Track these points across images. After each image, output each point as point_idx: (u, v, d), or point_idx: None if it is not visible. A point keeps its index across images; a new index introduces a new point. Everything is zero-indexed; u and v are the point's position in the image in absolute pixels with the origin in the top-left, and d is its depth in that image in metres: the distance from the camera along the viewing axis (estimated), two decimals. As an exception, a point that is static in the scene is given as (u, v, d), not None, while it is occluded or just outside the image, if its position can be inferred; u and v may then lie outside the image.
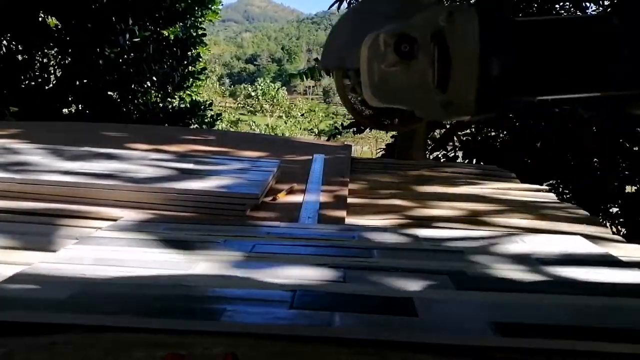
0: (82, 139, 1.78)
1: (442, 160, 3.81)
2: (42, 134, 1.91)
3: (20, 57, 5.80)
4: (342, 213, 0.95)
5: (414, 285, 0.50)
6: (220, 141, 2.04)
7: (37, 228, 0.73)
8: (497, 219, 0.97)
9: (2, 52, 5.70)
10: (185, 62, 6.28)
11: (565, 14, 4.44)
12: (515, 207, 1.03)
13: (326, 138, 6.61)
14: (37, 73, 5.89)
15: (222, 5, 7.41)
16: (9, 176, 0.93)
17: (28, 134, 1.87)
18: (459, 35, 0.31)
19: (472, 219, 0.97)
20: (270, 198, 1.02)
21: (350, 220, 0.94)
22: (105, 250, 0.58)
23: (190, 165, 1.12)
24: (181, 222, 0.81)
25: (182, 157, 1.29)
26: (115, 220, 0.82)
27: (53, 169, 1.03)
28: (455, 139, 3.89)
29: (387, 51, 0.33)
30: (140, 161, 1.14)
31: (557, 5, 4.37)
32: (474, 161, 3.75)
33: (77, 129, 2.25)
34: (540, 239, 0.75)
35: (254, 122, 31.22)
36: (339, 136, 5.39)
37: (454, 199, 1.15)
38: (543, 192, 1.31)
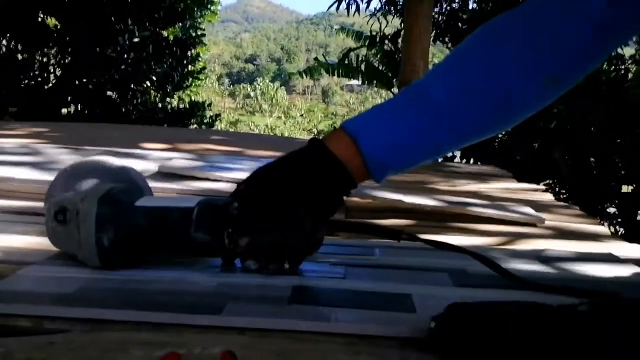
0: (94, 139, 1.79)
1: (439, 160, 3.81)
2: (51, 133, 1.91)
3: (19, 57, 5.80)
4: (340, 213, 0.95)
5: (413, 282, 0.51)
6: (225, 141, 2.04)
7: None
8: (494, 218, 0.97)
9: (1, 51, 5.70)
10: (185, 62, 6.29)
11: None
12: (510, 205, 1.03)
13: (325, 138, 6.58)
14: (36, 73, 5.89)
15: (221, 5, 7.42)
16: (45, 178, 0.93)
17: (38, 133, 1.87)
18: (84, 213, 0.48)
19: (469, 217, 0.97)
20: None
21: (350, 219, 0.94)
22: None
23: (201, 164, 1.13)
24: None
25: (199, 157, 1.30)
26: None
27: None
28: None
29: (50, 217, 0.50)
30: (162, 161, 1.14)
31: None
32: (472, 161, 3.76)
33: (83, 129, 2.25)
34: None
35: (253, 122, 31.24)
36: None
37: (451, 198, 1.15)
38: (540, 191, 1.31)
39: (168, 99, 6.33)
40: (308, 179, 0.49)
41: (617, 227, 3.61)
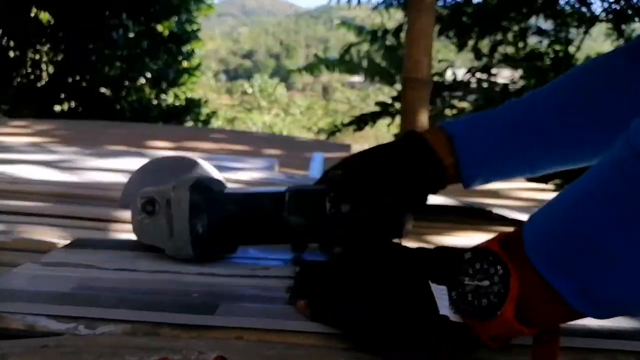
0: (92, 138, 1.78)
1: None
2: (57, 132, 1.88)
3: (12, 54, 5.73)
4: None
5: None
6: (225, 139, 1.96)
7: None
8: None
9: (-8, 48, 5.60)
10: (180, 58, 6.23)
11: (570, 9, 4.41)
12: (519, 206, 0.98)
13: (325, 136, 6.55)
14: (29, 70, 5.82)
15: (219, -1, 7.33)
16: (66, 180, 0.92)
17: (44, 132, 1.84)
18: (177, 201, 0.48)
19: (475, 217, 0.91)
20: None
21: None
22: (105, 247, 0.60)
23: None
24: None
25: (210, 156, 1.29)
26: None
27: (98, 168, 1.08)
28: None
29: (137, 210, 0.51)
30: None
31: (561, 1, 4.33)
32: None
33: (86, 127, 2.21)
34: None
35: (251, 119, 31.23)
36: (338, 134, 5.34)
37: (456, 197, 1.09)
38: (548, 191, 1.27)
39: (163, 96, 6.25)
40: (404, 168, 0.50)
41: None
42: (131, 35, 5.62)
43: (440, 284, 0.39)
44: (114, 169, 1.06)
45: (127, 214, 0.78)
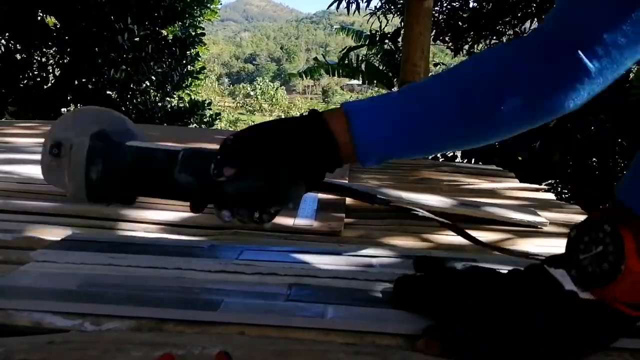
0: None
1: (440, 160, 3.81)
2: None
3: (18, 57, 5.79)
4: (340, 214, 0.95)
5: None
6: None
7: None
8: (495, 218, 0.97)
9: (0, 51, 5.69)
10: (184, 62, 6.28)
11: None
12: (514, 207, 1.03)
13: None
14: (35, 72, 5.88)
15: (221, 4, 7.42)
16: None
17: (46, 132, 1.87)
18: (77, 147, 0.50)
19: (472, 218, 0.97)
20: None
21: (349, 220, 0.94)
22: (106, 244, 0.59)
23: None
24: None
25: None
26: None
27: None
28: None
29: (46, 151, 0.52)
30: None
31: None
32: (473, 161, 3.75)
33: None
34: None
35: (253, 121, 31.16)
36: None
37: (453, 199, 1.15)
38: (542, 191, 1.31)
39: (168, 99, 6.33)
40: (298, 140, 0.47)
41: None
42: (136, 39, 5.70)
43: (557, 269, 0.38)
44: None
45: (135, 213, 0.79)
